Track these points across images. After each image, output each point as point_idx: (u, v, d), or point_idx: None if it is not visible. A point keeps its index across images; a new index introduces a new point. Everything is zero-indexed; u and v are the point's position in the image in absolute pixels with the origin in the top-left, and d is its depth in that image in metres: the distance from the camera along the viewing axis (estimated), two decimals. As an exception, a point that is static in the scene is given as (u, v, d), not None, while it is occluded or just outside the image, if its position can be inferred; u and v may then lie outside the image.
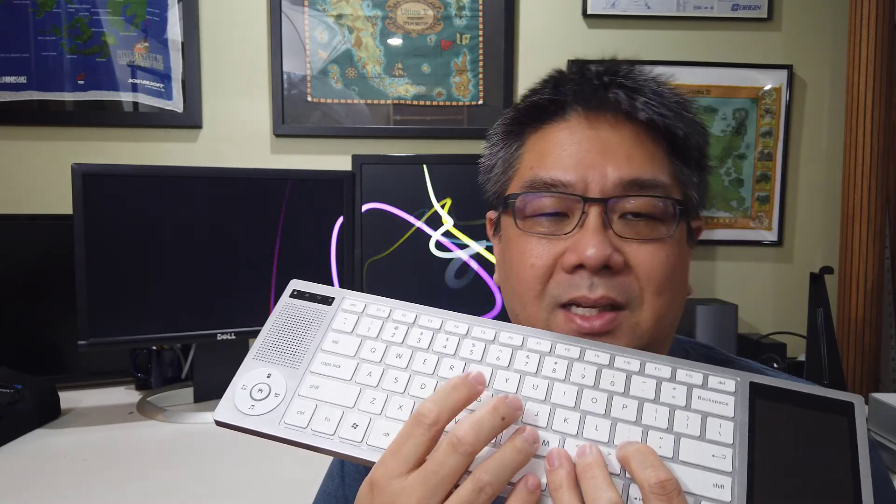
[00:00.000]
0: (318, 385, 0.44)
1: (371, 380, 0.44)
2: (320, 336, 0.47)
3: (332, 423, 0.42)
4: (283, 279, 1.32)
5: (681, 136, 0.55)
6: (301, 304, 0.49)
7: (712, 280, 1.78)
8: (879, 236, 1.62)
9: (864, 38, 1.58)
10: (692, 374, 0.44)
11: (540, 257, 0.54)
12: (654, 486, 0.38)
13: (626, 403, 0.43)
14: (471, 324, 0.48)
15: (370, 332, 0.47)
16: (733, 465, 0.39)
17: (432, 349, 0.46)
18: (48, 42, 1.57)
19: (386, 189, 1.42)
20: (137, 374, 1.43)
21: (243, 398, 0.44)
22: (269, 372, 0.45)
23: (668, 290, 0.53)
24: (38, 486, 0.96)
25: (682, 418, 0.42)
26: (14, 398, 1.14)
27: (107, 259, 1.19)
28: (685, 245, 0.57)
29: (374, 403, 0.43)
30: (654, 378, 0.44)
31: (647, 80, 0.57)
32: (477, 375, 0.42)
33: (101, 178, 1.19)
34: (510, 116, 0.61)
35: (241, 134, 1.66)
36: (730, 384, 0.43)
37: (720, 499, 0.38)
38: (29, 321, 1.41)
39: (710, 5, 1.71)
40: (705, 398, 0.43)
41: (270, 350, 0.46)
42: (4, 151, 1.60)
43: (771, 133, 1.75)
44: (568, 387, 0.44)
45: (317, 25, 1.65)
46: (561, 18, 1.70)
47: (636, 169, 0.53)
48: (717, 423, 0.41)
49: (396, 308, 0.49)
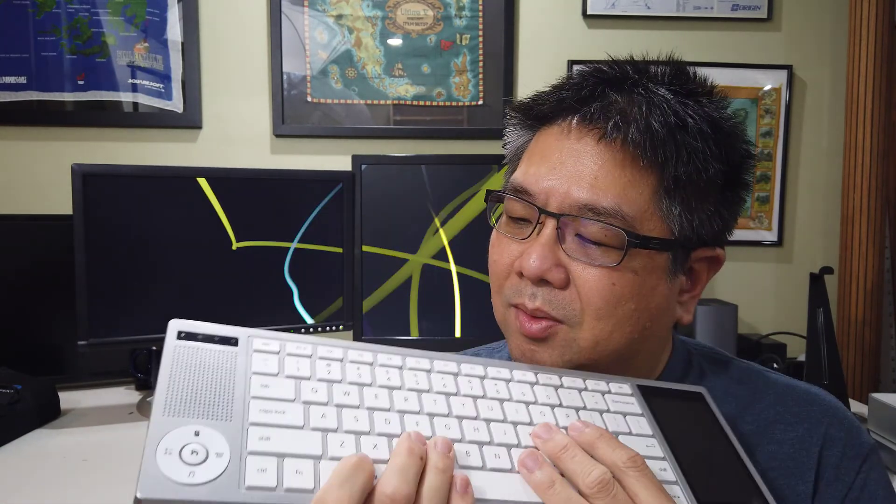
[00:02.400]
0: (268, 436, 0.38)
1: (328, 422, 0.40)
2: (242, 381, 0.41)
3: (307, 476, 0.37)
4: (283, 279, 1.32)
5: (660, 161, 0.51)
6: (197, 347, 0.42)
7: (712, 280, 1.78)
8: (879, 236, 1.62)
9: (864, 38, 1.58)
10: (598, 382, 0.51)
11: (502, 256, 0.57)
12: (628, 462, 0.40)
13: (568, 413, 0.47)
14: (403, 355, 0.48)
15: (301, 373, 0.43)
16: (663, 451, 0.46)
17: (377, 384, 0.44)
18: (48, 42, 1.57)
19: (386, 189, 1.42)
20: (137, 374, 1.43)
21: (173, 465, 0.35)
22: (196, 429, 0.37)
23: (610, 316, 0.52)
24: (38, 486, 0.96)
25: (611, 419, 0.48)
26: (14, 398, 1.14)
27: (106, 259, 1.19)
28: (658, 276, 0.54)
29: (345, 447, 0.39)
30: (575, 389, 0.50)
31: (650, 94, 0.53)
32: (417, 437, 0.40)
33: (101, 178, 1.19)
34: (523, 110, 0.60)
35: (241, 134, 1.66)
36: (626, 387, 0.51)
37: (669, 480, 0.44)
38: (29, 321, 1.41)
39: (710, 5, 1.71)
40: (617, 401, 0.50)
41: (184, 403, 0.38)
42: (4, 151, 1.60)
43: (771, 133, 1.75)
44: (517, 405, 0.47)
45: (317, 26, 1.65)
46: (561, 18, 1.70)
47: (597, 194, 0.51)
48: (635, 420, 0.48)
49: (318, 344, 0.46)
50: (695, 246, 0.55)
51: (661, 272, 0.54)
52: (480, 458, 0.42)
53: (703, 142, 0.52)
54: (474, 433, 0.43)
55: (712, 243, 0.57)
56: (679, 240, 0.54)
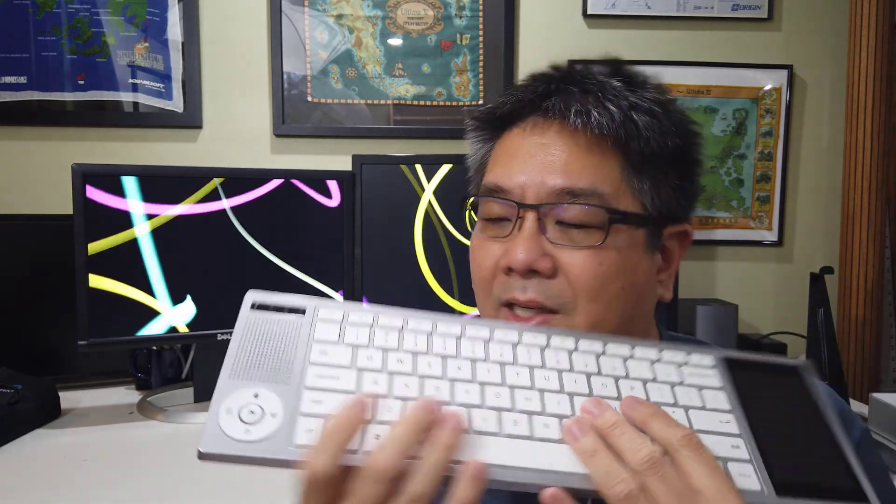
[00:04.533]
0: (320, 400, 0.40)
1: (379, 388, 0.41)
2: (304, 348, 0.43)
3: (353, 438, 0.39)
4: (283, 278, 1.32)
5: (610, 143, 0.54)
6: (268, 317, 0.45)
7: (712, 280, 1.78)
8: (879, 236, 1.62)
9: (864, 38, 1.58)
10: (675, 353, 0.49)
11: (486, 258, 0.57)
12: (683, 440, 0.39)
13: (633, 385, 0.46)
14: (462, 324, 0.47)
15: (360, 340, 0.44)
16: (739, 427, 0.44)
17: (433, 352, 0.45)
18: (48, 42, 1.57)
19: (386, 189, 1.42)
20: (137, 374, 1.43)
21: (232, 424, 0.38)
22: (256, 391, 0.40)
23: (602, 296, 0.54)
24: (38, 486, 0.96)
25: (683, 393, 0.46)
26: (14, 398, 1.14)
27: (107, 259, 1.19)
28: (638, 252, 0.56)
29: (392, 412, 0.40)
30: (645, 360, 0.48)
31: (601, 83, 0.56)
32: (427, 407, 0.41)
33: (101, 179, 1.19)
34: (473, 125, 0.63)
35: (241, 134, 1.66)
36: (707, 359, 0.49)
37: (741, 458, 0.42)
38: (29, 321, 1.41)
39: (710, 5, 1.71)
40: (693, 373, 0.47)
41: (248, 367, 0.42)
42: (4, 151, 1.60)
43: (771, 133, 1.75)
44: (578, 376, 0.45)
45: (317, 25, 1.65)
46: (561, 18, 1.70)
47: (571, 177, 0.54)
48: (712, 394, 0.46)
49: (380, 314, 0.47)
50: (665, 222, 0.58)
51: (640, 249, 0.56)
52: (529, 427, 0.41)
53: (657, 119, 0.55)
54: (525, 403, 0.43)
55: (681, 219, 0.60)
56: (652, 215, 0.56)
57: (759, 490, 0.40)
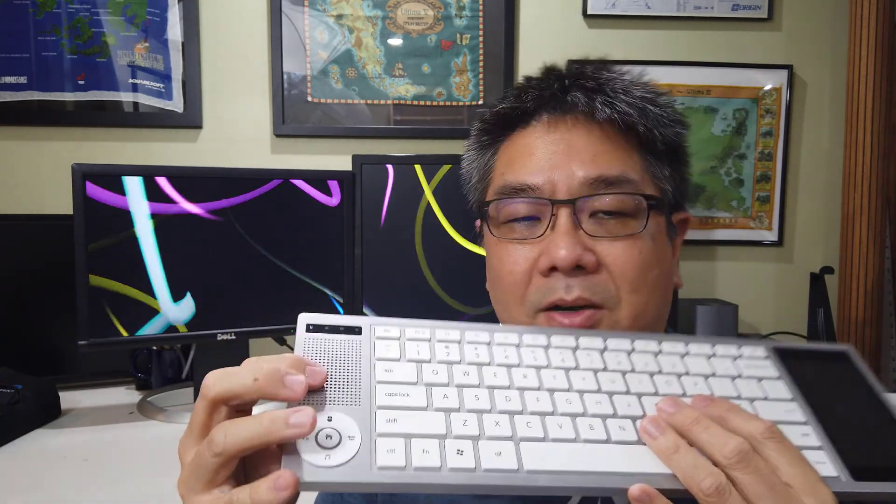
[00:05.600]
0: (395, 419, 0.39)
1: (451, 402, 0.41)
2: (368, 368, 0.43)
3: (433, 455, 0.38)
4: (283, 279, 1.32)
5: (642, 131, 0.55)
6: (324, 338, 0.44)
7: (712, 280, 1.78)
8: (879, 236, 1.62)
9: (864, 38, 1.58)
10: (728, 347, 0.49)
11: (517, 263, 0.55)
12: (766, 433, 0.38)
13: (696, 381, 0.46)
14: (519, 333, 0.48)
15: (422, 356, 0.44)
16: (805, 415, 0.44)
17: (495, 362, 0.45)
18: (48, 42, 1.57)
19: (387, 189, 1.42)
20: (137, 374, 1.43)
21: (312, 449, 0.37)
22: (329, 415, 0.39)
23: (643, 286, 0.53)
24: (38, 486, 0.96)
25: (744, 385, 0.46)
26: (14, 398, 1.14)
27: (107, 259, 1.19)
28: (664, 239, 0.57)
29: (468, 426, 0.40)
30: (702, 356, 0.48)
31: (610, 78, 0.57)
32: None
33: (101, 179, 1.19)
34: (480, 127, 0.62)
35: (241, 134, 1.66)
36: (760, 350, 0.49)
37: (812, 445, 0.41)
38: (29, 321, 1.41)
39: (710, 5, 1.71)
40: (749, 365, 0.47)
41: (315, 392, 0.40)
42: (4, 151, 1.60)
43: (771, 133, 1.75)
44: (641, 376, 0.46)
45: (317, 25, 1.65)
46: (561, 18, 1.70)
47: (602, 167, 0.54)
48: (771, 384, 0.46)
49: (436, 328, 0.47)
50: (676, 209, 0.59)
51: (664, 236, 0.57)
52: (605, 431, 0.41)
53: (662, 109, 0.56)
54: (596, 406, 0.43)
55: (684, 206, 0.61)
56: (672, 201, 0.57)
57: (837, 477, 0.40)
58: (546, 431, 0.40)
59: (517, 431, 0.40)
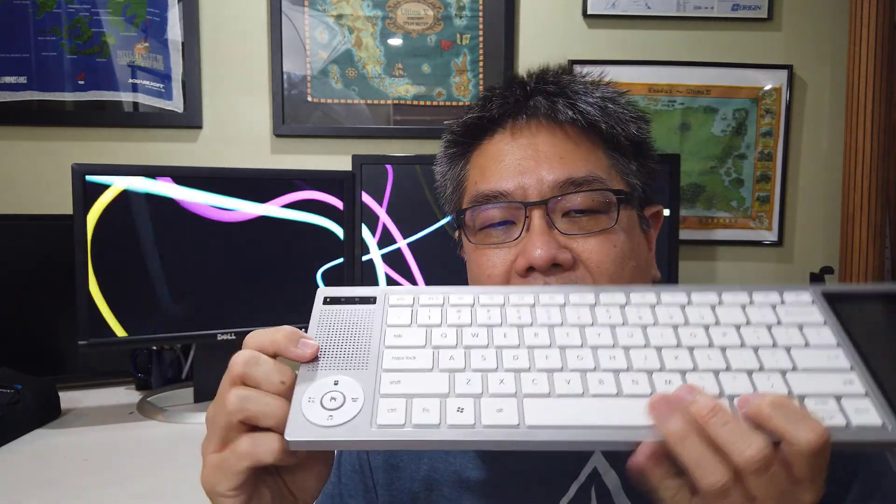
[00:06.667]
0: (399, 380, 0.41)
1: (456, 363, 0.42)
2: (378, 334, 0.44)
3: (433, 413, 0.39)
4: (283, 279, 1.32)
5: (604, 128, 0.56)
6: (341, 309, 0.46)
7: (712, 280, 1.78)
8: (879, 236, 1.62)
9: (864, 38, 1.58)
10: (768, 294, 0.46)
11: (495, 266, 0.56)
12: (815, 444, 0.34)
13: (726, 331, 0.43)
14: (535, 293, 0.47)
15: (433, 321, 0.45)
16: (850, 361, 0.41)
17: (507, 323, 0.44)
18: (48, 42, 1.57)
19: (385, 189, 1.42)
20: (137, 374, 1.43)
21: (315, 411, 0.39)
22: (336, 379, 0.41)
23: (621, 278, 0.55)
24: (38, 486, 0.96)
25: (782, 332, 0.43)
26: (14, 398, 1.14)
27: (107, 259, 1.19)
28: (637, 232, 0.59)
29: (471, 384, 0.40)
30: (736, 305, 0.45)
31: (570, 81, 0.59)
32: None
33: (100, 178, 1.19)
34: (449, 139, 0.64)
35: (241, 134, 1.66)
36: (805, 296, 0.46)
37: (856, 392, 0.39)
38: (29, 321, 1.41)
39: (710, 5, 1.71)
40: (791, 312, 0.45)
41: (325, 357, 0.43)
42: (4, 151, 1.60)
43: (771, 133, 1.75)
44: (664, 329, 0.44)
45: (317, 25, 1.65)
46: (561, 18, 1.70)
47: (569, 168, 0.55)
48: (815, 330, 0.43)
49: (450, 293, 0.47)
50: (645, 203, 0.61)
51: (637, 229, 0.59)
52: (616, 385, 0.40)
53: (622, 108, 0.58)
54: (609, 362, 0.41)
55: (654, 199, 0.62)
56: (641, 195, 0.59)
57: (881, 424, 0.37)
58: (553, 387, 0.40)
59: (521, 388, 0.40)
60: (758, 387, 0.40)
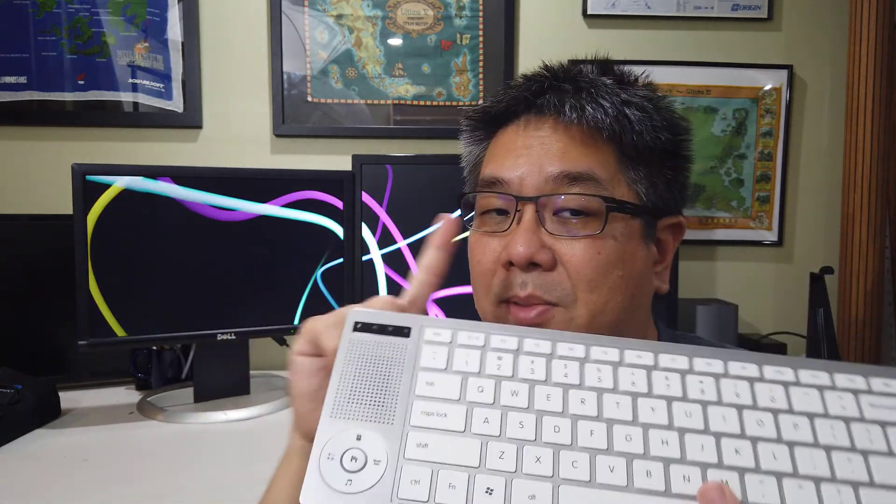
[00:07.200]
0: (426, 443, 0.37)
1: (491, 428, 0.37)
2: (409, 378, 0.39)
3: (459, 491, 0.35)
4: (283, 279, 1.32)
5: (608, 135, 0.55)
6: (371, 339, 0.41)
7: (712, 280, 1.78)
8: (879, 236, 1.62)
9: (864, 38, 1.58)
10: (853, 377, 0.39)
11: (485, 254, 0.57)
12: None
13: (797, 422, 0.36)
14: (586, 344, 0.41)
15: (470, 367, 0.40)
16: None
17: (552, 381, 0.39)
18: (48, 42, 1.57)
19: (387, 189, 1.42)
20: (137, 374, 1.43)
21: (334, 471, 0.36)
22: (358, 433, 0.37)
23: (602, 286, 0.54)
24: (38, 486, 0.96)
25: (862, 432, 0.36)
26: (14, 398, 1.14)
27: (106, 259, 1.19)
28: (635, 243, 0.56)
29: (505, 458, 0.36)
30: (814, 387, 0.38)
31: (591, 81, 0.58)
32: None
33: (100, 178, 1.19)
34: (473, 121, 0.64)
35: (241, 134, 1.66)
36: (894, 384, 0.38)
37: None
38: (29, 321, 1.41)
39: (710, 5, 1.71)
40: (877, 405, 0.37)
41: (350, 404, 0.38)
42: (4, 151, 1.60)
43: (771, 133, 1.75)
44: (727, 410, 0.37)
45: (317, 25, 1.65)
46: (561, 18, 1.70)
47: (567, 163, 0.55)
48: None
49: (492, 333, 0.42)
50: (660, 214, 0.58)
51: (637, 239, 0.57)
52: (664, 480, 0.35)
53: (648, 114, 0.56)
54: (661, 448, 0.36)
55: (674, 211, 0.60)
56: (647, 205, 0.57)
57: None
58: (594, 474, 0.36)
59: (559, 471, 0.36)
60: (824, 501, 0.34)
